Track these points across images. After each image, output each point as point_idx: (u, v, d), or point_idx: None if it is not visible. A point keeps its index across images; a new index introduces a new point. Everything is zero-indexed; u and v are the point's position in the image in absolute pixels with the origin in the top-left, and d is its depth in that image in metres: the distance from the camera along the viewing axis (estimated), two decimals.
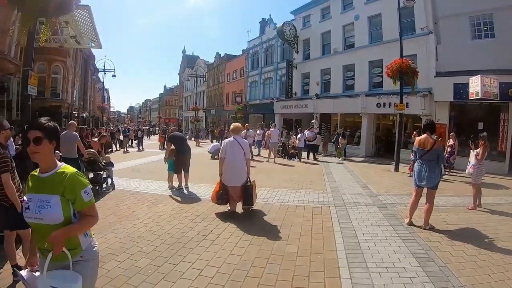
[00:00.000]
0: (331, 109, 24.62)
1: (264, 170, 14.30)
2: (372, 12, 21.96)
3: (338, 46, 24.77)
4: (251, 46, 39.20)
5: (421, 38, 18.55)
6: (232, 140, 6.94)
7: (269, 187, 9.92)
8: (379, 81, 21.45)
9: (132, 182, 10.70)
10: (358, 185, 11.06)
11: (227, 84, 46.95)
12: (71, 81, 32.76)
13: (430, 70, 17.60)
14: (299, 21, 29.21)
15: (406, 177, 13.06)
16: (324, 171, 14.57)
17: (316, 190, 9.85)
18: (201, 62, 60.28)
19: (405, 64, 14.79)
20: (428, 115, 17.72)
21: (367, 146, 22.05)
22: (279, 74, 32.52)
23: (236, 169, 6.80)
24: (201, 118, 56.67)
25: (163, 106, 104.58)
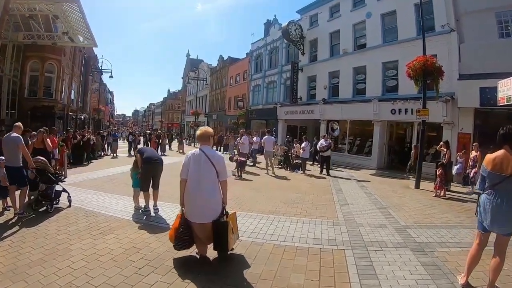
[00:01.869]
0: (340, 115, 22.48)
1: (260, 185, 12.38)
2: (386, 9, 20.09)
3: (348, 47, 22.84)
4: (254, 49, 37.38)
5: (441, 36, 16.62)
6: (198, 153, 4.53)
7: (262, 212, 7.88)
8: (394, 84, 19.59)
9: (96, 197, 8.99)
10: (377, 209, 8.90)
11: (229, 88, 45.22)
12: (67, 81, 31.63)
13: (452, 72, 15.60)
14: (306, 21, 27.31)
15: (431, 197, 11.21)
16: (333, 188, 12.37)
17: (325, 219, 7.62)
18: (205, 65, 58.65)
19: (430, 62, 12.69)
20: (450, 123, 15.96)
21: (379, 157, 19.97)
22: (284, 77, 30.60)
23: (203, 198, 4.44)
24: (202, 123, 55.09)
25: (166, 110, 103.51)
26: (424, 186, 12.79)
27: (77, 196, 8.71)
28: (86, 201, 8.38)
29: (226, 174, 4.71)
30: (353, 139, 22.41)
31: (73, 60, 33.61)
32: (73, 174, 13.34)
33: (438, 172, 11.51)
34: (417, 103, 16.36)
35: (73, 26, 24.85)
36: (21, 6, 21.75)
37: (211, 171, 4.45)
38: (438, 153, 15.87)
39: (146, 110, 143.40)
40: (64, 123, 30.06)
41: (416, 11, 17.85)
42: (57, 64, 27.16)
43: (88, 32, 26.27)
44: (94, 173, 13.78)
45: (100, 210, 7.55)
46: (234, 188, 10.60)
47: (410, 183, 13.84)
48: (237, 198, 9.39)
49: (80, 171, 14.36)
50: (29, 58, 25.29)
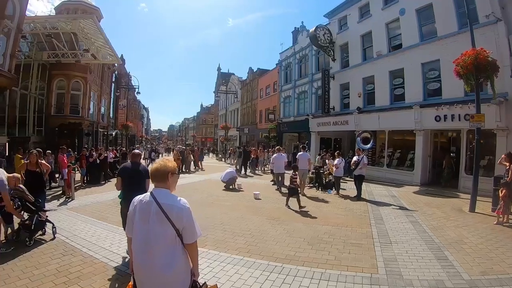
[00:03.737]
0: (377, 125, 20.72)
1: (280, 214, 10.44)
2: (421, 3, 18.38)
3: (382, 49, 21.23)
4: (283, 58, 36.15)
5: (487, 28, 14.73)
6: (148, 201, 2.92)
7: (276, 259, 6.19)
8: (437, 87, 17.70)
9: (89, 227, 8.33)
10: (429, 251, 6.94)
11: (260, 101, 44.35)
12: (96, 98, 32.79)
13: (503, 68, 13.37)
14: (335, 24, 25.92)
15: (491, 224, 9.30)
16: (372, 215, 10.39)
17: (360, 270, 5.78)
18: (235, 78, 58.53)
19: (483, 56, 10.74)
20: (505, 128, 14.01)
21: (423, 171, 17.91)
22: (315, 86, 29.22)
23: (153, 273, 2.81)
24: (234, 137, 54.45)
25: (199, 124, 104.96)
26: (479, 208, 11.05)
27: (70, 224, 8.33)
28: (76, 232, 7.76)
29: (195, 232, 2.92)
30: (393, 152, 20.55)
31: (101, 77, 34.62)
32: (84, 195, 13.06)
33: (501, 194, 9.49)
34: (465, 107, 15.00)
35: (94, 43, 25.30)
36: (40, 25, 22.77)
37: (166, 231, 2.82)
38: (491, 166, 14.29)
39: (181, 125, 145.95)
40: (93, 140, 31.11)
41: (455, 2, 16.37)
42: (83, 82, 27.73)
43: (110, 49, 26.61)
44: (105, 195, 13.21)
45: (82, 247, 6.75)
46: (248, 219, 9.58)
47: (463, 204, 11.99)
48: (249, 235, 7.92)
49: (92, 192, 14.01)
50: (55, 76, 26.05)
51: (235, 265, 5.84)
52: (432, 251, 6.89)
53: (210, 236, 7.51)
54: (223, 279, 5.27)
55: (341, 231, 8.41)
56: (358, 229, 8.70)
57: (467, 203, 11.52)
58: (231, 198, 13.21)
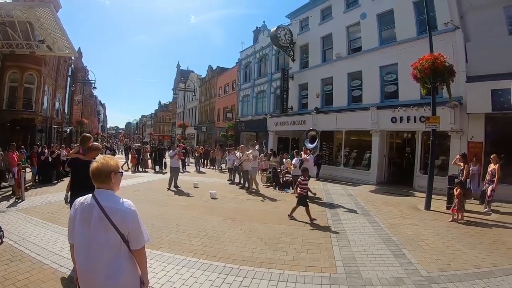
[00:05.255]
0: (334, 125, 20.56)
1: (239, 212, 10.05)
2: (382, 9, 18.34)
3: (341, 51, 21.01)
4: (243, 57, 35.34)
5: (445, 35, 14.95)
6: (89, 204, 2.55)
7: (233, 261, 5.79)
8: (393, 90, 17.76)
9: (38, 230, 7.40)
10: (387, 249, 6.78)
11: (218, 99, 43.33)
12: (51, 92, 30.33)
13: (459, 74, 13.41)
14: (296, 25, 25.50)
15: (447, 221, 9.35)
16: (329, 214, 10.02)
17: (319, 270, 5.49)
18: (194, 76, 56.92)
19: (440, 61, 10.81)
20: (458, 131, 14.16)
21: (379, 171, 17.90)
22: (274, 86, 28.67)
23: (97, 282, 2.47)
24: (192, 135, 53.12)
25: (157, 122, 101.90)
26: (434, 206, 11.11)
27: (19, 227, 7.52)
28: (25, 236, 6.89)
29: (142, 237, 2.58)
30: (350, 151, 20.41)
31: (56, 70, 32.03)
32: (35, 195, 11.76)
33: (456, 193, 9.55)
34: (421, 109, 15.12)
35: (50, 34, 23.32)
36: None
37: (110, 237, 2.48)
38: (446, 165, 14.57)
39: (138, 122, 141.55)
40: (46, 136, 28.58)
41: (416, 9, 16.50)
42: (38, 75, 25.50)
43: (67, 41, 24.67)
44: (57, 195, 11.42)
45: (31, 252, 5.94)
46: (204, 219, 8.92)
47: (418, 203, 11.96)
48: (205, 236, 7.35)
49: (44, 192, 12.57)
50: (8, 68, 23.79)
51: (191, 268, 5.40)
52: (390, 249, 6.76)
53: (164, 238, 6.98)
54: (178, 283, 4.84)
55: (299, 230, 8.07)
56: (316, 228, 8.41)
57: (422, 202, 11.51)
58: (187, 198, 12.46)
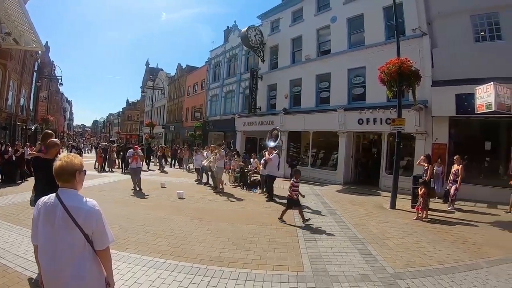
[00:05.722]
0: (302, 126, 20.28)
1: (206, 212, 9.65)
2: (352, 13, 18.28)
3: (310, 53, 20.75)
4: (213, 56, 34.50)
5: (412, 41, 15.05)
6: (53, 203, 2.42)
7: (200, 261, 5.54)
8: (361, 92, 17.67)
9: (1, 233, 6.59)
10: (353, 247, 6.75)
11: (187, 98, 42.02)
12: (16, 88, 28.19)
13: (425, 78, 13.64)
14: (267, 26, 25.02)
15: (411, 220, 9.45)
16: (296, 214, 9.43)
17: (286, 269, 5.38)
18: (163, 74, 55.16)
19: (406, 65, 10.83)
20: (423, 133, 14.28)
21: (345, 171, 17.82)
22: (243, 86, 28.01)
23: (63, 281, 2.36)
24: (160, 134, 51.68)
25: (124, 121, 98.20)
26: (399, 204, 11.12)
27: None
28: None
29: (106, 237, 2.50)
30: (317, 152, 20.16)
31: (22, 65, 29.87)
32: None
33: (421, 192, 9.65)
34: (387, 112, 15.05)
35: (17, 26, 21.77)
36: None
37: (75, 237, 2.39)
38: (410, 166, 14.62)
39: (105, 120, 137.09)
40: (10, 134, 26.41)
41: (385, 15, 16.45)
42: (3, 69, 23.86)
43: (34, 34, 23.14)
44: (21, 196, 10.51)
45: None
46: (171, 219, 8.44)
47: (384, 202, 11.94)
48: (172, 236, 6.97)
49: (7, 192, 11.40)
50: None
51: (158, 269, 5.13)
52: (356, 247, 6.73)
53: (131, 239, 6.58)
54: (145, 285, 4.60)
55: (267, 230, 7.82)
56: (283, 227, 8.24)
57: (388, 201, 11.51)
58: (154, 198, 11.79)
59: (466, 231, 8.29)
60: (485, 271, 5.51)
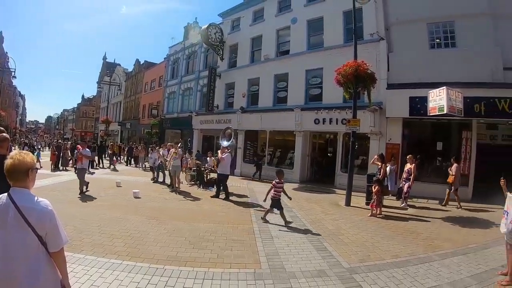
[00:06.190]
0: (259, 125, 19.79)
1: (162, 211, 9.19)
2: (313, 16, 18.07)
3: (270, 53, 20.22)
4: (172, 53, 32.99)
5: (370, 44, 15.05)
6: (4, 203, 2.22)
7: (157, 261, 5.27)
8: (318, 93, 17.41)
9: None
10: (309, 243, 6.69)
11: (144, 95, 39.93)
12: None
13: (380, 81, 13.77)
14: (227, 25, 24.20)
15: (366, 216, 9.56)
16: (253, 212, 9.70)
17: (243, 267, 5.27)
18: (120, 69, 52.08)
19: (363, 68, 10.97)
20: (377, 133, 14.30)
21: (302, 170, 17.53)
22: (201, 84, 26.86)
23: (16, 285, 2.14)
24: (116, 132, 49.27)
25: (79, 117, 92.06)
26: (354, 202, 11.26)
27: None
28: None
29: (60, 238, 2.34)
30: (274, 151, 19.71)
31: None
32: None
33: (374, 190, 9.77)
34: (343, 112, 14.94)
35: None
36: None
37: (27, 239, 2.21)
38: (365, 165, 14.67)
39: (59, 116, 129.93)
40: None
41: (345, 19, 16.38)
42: None
43: None
44: None
45: None
46: (127, 219, 7.95)
47: (339, 199, 11.96)
48: (128, 236, 6.57)
49: None
50: None
51: (115, 271, 4.85)
52: (312, 243, 6.69)
53: (86, 240, 6.19)
54: (102, 287, 4.35)
55: (224, 228, 7.65)
56: (240, 225, 7.99)
57: (343, 198, 11.51)
58: (110, 197, 11.04)
59: (419, 226, 8.52)
60: (437, 264, 5.66)
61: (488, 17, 13.17)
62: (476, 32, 13.14)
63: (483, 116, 12.46)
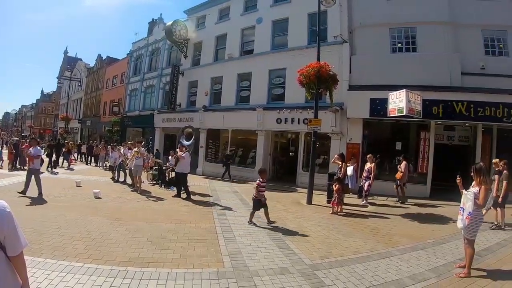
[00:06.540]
0: (221, 124, 19.19)
1: (124, 212, 8.75)
2: (278, 16, 17.79)
3: (234, 52, 19.65)
4: (135, 49, 31.40)
5: (333, 47, 14.99)
6: None
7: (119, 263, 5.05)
8: (280, 93, 17.10)
9: None
10: (272, 241, 6.60)
11: (105, 92, 37.84)
12: None
13: (342, 83, 13.73)
14: (193, 22, 23.30)
15: (327, 214, 9.54)
16: (215, 211, 9.47)
17: (206, 266, 5.16)
18: (82, 64, 49.24)
19: (325, 69, 10.93)
20: (338, 133, 14.24)
21: None
22: (163, 81, 25.71)
23: None
24: (76, 130, 46.78)
25: (38, 114, 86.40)
26: (315, 200, 11.22)
27: None
28: None
29: (19, 242, 2.10)
30: (236, 149, 19.15)
31: None
32: None
33: (335, 188, 9.76)
34: (305, 112, 14.75)
35: None
36: None
37: None
38: (326, 164, 14.53)
39: (17, 113, 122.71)
40: None
41: (310, 20, 16.27)
42: None
43: None
44: None
45: None
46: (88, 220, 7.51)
47: (300, 198, 11.84)
48: (89, 238, 6.24)
49: None
50: None
51: (76, 274, 4.59)
52: (274, 241, 6.61)
53: (46, 243, 5.82)
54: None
55: (186, 228, 7.43)
56: (202, 225, 7.77)
57: (304, 197, 11.43)
58: (69, 198, 10.38)
59: (379, 223, 8.62)
60: (397, 258, 5.75)
61: (448, 25, 13.69)
62: (437, 39, 13.60)
63: (441, 118, 12.91)
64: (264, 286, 4.51)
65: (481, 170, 4.99)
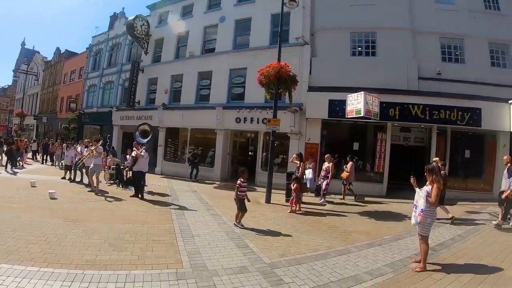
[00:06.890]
0: (181, 122, 18.43)
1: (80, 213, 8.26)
2: (242, 16, 17.38)
3: (195, 50, 18.92)
4: (95, 43, 29.52)
5: (295, 48, 14.82)
6: None
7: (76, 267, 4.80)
8: (240, 92, 16.68)
9: None
10: (230, 240, 6.52)
11: (63, 87, 35.44)
12: None
13: (302, 84, 13.53)
14: (155, 18, 22.26)
15: (286, 213, 9.54)
16: (173, 210, 9.27)
17: (165, 267, 5.00)
18: (39, 58, 45.90)
19: (285, 70, 10.88)
20: (297, 133, 14.06)
21: (222, 168, 16.79)
22: (123, 78, 24.34)
23: None
24: (31, 126, 43.85)
25: None
26: (274, 199, 11.13)
27: None
28: None
29: None
30: (195, 148, 18.29)
31: None
32: None
33: (293, 187, 9.78)
34: (264, 112, 14.42)
35: None
36: None
37: None
38: (285, 163, 14.39)
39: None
40: None
41: (272, 21, 15.97)
42: None
43: None
44: None
45: None
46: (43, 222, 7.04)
47: (259, 197, 11.50)
48: (45, 241, 5.86)
49: None
50: None
51: (32, 279, 4.31)
52: (233, 240, 6.53)
53: (0, 247, 5.47)
54: None
55: (143, 229, 7.10)
56: (160, 225, 7.52)
57: (263, 196, 11.33)
58: (24, 199, 9.71)
59: (337, 221, 8.68)
60: (355, 255, 5.83)
61: (407, 31, 14.03)
62: (396, 44, 13.88)
63: (397, 120, 13.13)
64: (223, 285, 4.44)
65: (433, 170, 5.14)
